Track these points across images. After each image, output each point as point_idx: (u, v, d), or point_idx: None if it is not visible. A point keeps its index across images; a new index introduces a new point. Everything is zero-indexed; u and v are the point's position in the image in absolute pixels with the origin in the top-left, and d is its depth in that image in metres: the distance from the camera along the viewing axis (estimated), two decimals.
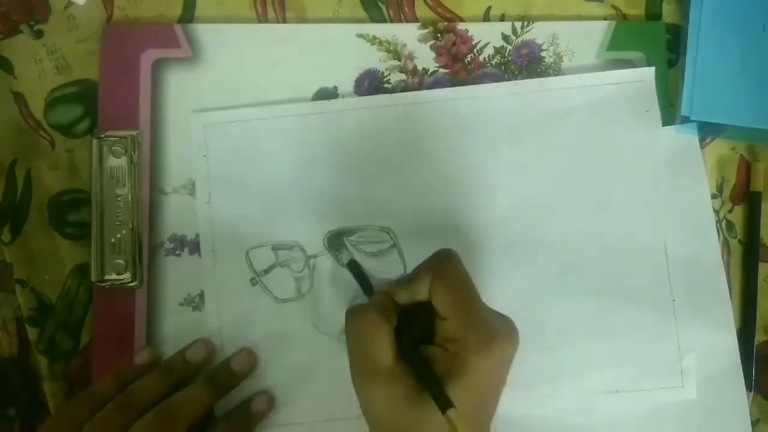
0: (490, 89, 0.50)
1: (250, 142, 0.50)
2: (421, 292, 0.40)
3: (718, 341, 0.48)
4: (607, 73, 0.50)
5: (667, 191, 0.49)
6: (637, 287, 0.48)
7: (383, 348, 0.39)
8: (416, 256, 0.48)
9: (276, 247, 0.49)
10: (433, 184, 0.50)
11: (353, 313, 0.41)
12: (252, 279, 0.49)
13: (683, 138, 0.50)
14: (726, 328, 0.48)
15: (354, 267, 0.46)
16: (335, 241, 0.49)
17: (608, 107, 0.50)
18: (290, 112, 0.50)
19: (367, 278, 0.45)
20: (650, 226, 0.49)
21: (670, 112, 0.50)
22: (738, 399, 0.48)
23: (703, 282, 0.49)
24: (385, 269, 0.49)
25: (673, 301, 0.48)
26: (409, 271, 0.48)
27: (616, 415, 0.48)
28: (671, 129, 0.50)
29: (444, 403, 0.37)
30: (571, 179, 0.49)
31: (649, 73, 0.50)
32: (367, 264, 0.49)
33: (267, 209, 0.50)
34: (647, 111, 0.50)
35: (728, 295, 0.49)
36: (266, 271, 0.49)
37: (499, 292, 0.48)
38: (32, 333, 0.50)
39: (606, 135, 0.50)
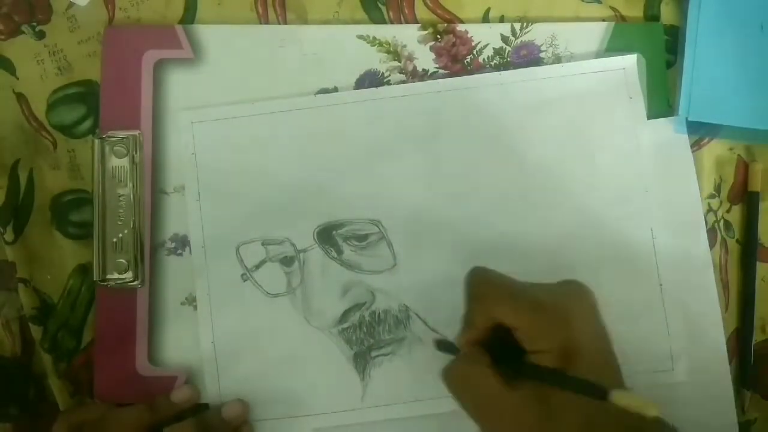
0: (475, 80, 0.51)
1: (238, 138, 0.50)
2: (485, 321, 0.40)
3: (705, 331, 0.49)
4: (590, 61, 0.51)
5: (654, 180, 0.50)
6: (624, 274, 0.49)
7: (493, 383, 0.39)
8: (406, 247, 0.49)
9: (266, 243, 0.50)
10: (420, 175, 0.50)
11: (449, 371, 0.41)
12: (243, 275, 0.50)
13: (671, 130, 0.50)
14: (713, 319, 0.49)
15: (444, 347, 0.44)
16: (325, 235, 0.50)
17: (592, 96, 0.50)
18: (277, 108, 0.51)
19: (449, 342, 0.44)
20: (637, 213, 0.49)
21: (668, 113, 0.51)
22: (724, 388, 0.49)
23: (690, 272, 0.49)
24: (374, 261, 0.49)
25: (660, 285, 0.49)
26: (398, 262, 0.49)
27: None
28: (659, 122, 0.50)
29: (599, 393, 0.35)
30: (558, 168, 0.50)
31: (631, 60, 0.50)
32: (357, 257, 0.49)
33: (256, 205, 0.50)
34: (630, 98, 0.50)
35: (715, 286, 0.49)
36: (257, 267, 0.50)
37: None
38: (36, 331, 0.50)
39: (591, 123, 0.50)
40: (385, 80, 0.51)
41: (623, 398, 0.35)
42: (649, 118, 0.50)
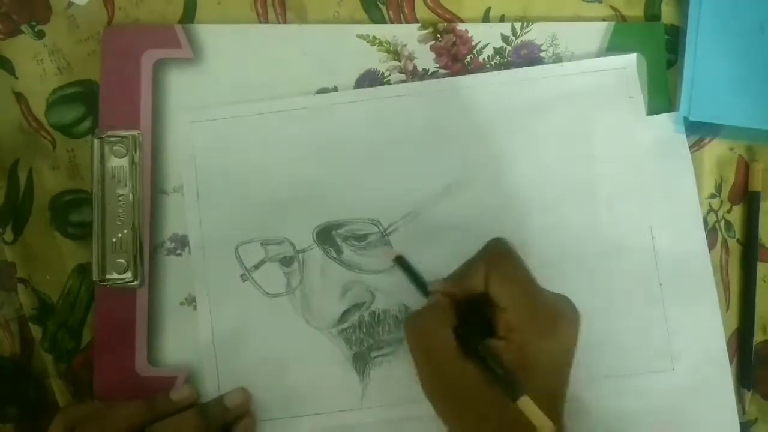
0: (475, 80, 0.51)
1: (237, 138, 0.50)
2: (477, 285, 0.41)
3: (704, 330, 0.49)
4: (590, 60, 0.51)
5: (653, 179, 0.50)
6: (624, 273, 0.49)
7: (447, 348, 0.40)
8: (405, 247, 0.48)
9: (265, 243, 0.50)
10: (420, 175, 0.50)
11: (412, 320, 0.42)
12: (242, 275, 0.50)
13: (670, 129, 0.50)
14: (712, 318, 0.49)
15: (402, 263, 0.46)
16: (324, 235, 0.50)
17: (592, 95, 0.50)
18: (276, 108, 0.51)
19: (419, 275, 0.46)
20: (636, 212, 0.49)
21: (668, 113, 0.50)
22: (724, 388, 0.48)
23: (689, 271, 0.49)
24: (374, 261, 0.49)
25: (660, 285, 0.49)
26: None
27: (606, 400, 0.48)
28: (658, 118, 0.50)
29: (513, 392, 0.38)
30: (558, 167, 0.50)
31: (630, 59, 0.50)
32: (357, 257, 0.49)
33: (256, 205, 0.50)
34: (630, 97, 0.50)
35: (715, 285, 0.49)
36: (256, 267, 0.50)
37: None
38: (36, 331, 0.50)
39: (590, 122, 0.50)
40: (385, 80, 0.51)
41: (528, 406, 0.37)
42: None
